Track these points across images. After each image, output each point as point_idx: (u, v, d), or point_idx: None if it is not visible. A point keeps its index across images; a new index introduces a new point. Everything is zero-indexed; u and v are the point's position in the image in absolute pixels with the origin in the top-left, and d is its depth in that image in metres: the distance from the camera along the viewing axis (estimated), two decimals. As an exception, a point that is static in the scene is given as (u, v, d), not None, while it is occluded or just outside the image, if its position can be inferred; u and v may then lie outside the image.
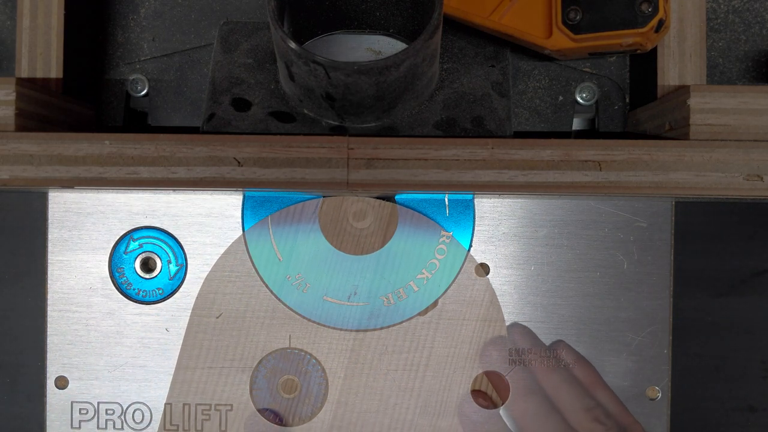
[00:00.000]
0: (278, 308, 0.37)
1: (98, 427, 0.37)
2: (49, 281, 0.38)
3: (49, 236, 0.38)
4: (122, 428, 0.37)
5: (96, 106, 0.42)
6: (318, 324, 0.37)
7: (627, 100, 0.42)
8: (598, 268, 0.38)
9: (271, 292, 0.37)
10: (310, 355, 0.37)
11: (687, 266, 0.38)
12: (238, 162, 0.33)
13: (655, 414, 0.37)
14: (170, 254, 0.38)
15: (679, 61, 0.37)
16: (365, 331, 0.37)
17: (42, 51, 0.38)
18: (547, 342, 0.37)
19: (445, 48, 0.38)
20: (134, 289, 0.38)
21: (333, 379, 0.37)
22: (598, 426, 0.35)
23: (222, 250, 0.38)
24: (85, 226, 0.38)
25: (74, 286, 0.38)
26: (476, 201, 0.38)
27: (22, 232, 0.38)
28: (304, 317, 0.37)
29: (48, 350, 0.38)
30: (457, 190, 0.33)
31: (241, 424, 0.37)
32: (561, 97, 0.42)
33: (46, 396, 0.38)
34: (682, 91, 0.35)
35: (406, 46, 0.37)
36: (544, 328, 0.37)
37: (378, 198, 0.37)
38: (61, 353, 0.37)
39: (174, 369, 0.37)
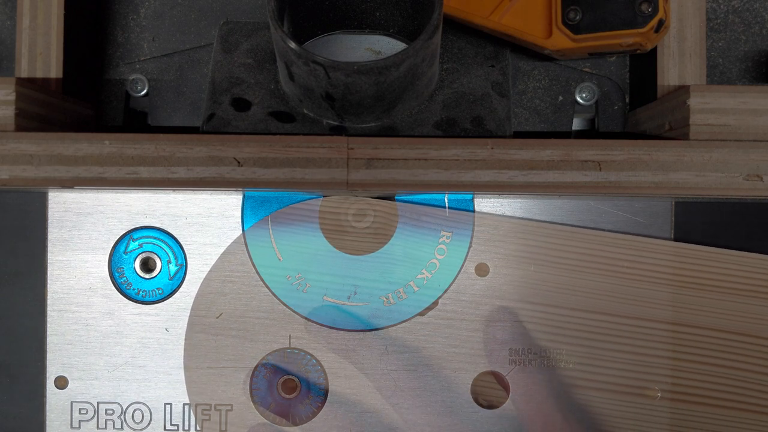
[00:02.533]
0: (278, 308, 0.37)
1: (98, 427, 0.37)
2: (49, 281, 0.38)
3: (49, 236, 0.38)
4: (122, 428, 0.37)
5: (96, 106, 0.42)
6: (318, 324, 0.37)
7: (627, 100, 0.42)
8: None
9: (271, 292, 0.37)
10: (310, 355, 0.37)
11: (687, 266, 0.38)
12: (238, 162, 0.33)
13: (655, 414, 0.37)
14: (170, 254, 0.38)
15: (679, 61, 0.37)
16: (365, 331, 0.37)
17: (42, 51, 0.38)
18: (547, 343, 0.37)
19: (445, 48, 0.38)
20: (134, 289, 0.38)
21: (333, 379, 0.37)
22: None
23: (222, 250, 0.38)
24: (84, 226, 0.38)
25: (74, 286, 0.38)
26: (476, 201, 0.38)
27: (22, 232, 0.38)
28: (304, 317, 0.37)
29: (48, 350, 0.38)
30: (457, 190, 0.33)
31: (241, 424, 0.37)
32: (561, 97, 0.42)
33: (45, 396, 0.38)
34: (682, 91, 0.35)
35: (406, 46, 0.37)
36: (544, 328, 0.37)
37: (378, 198, 0.37)
38: (60, 353, 0.37)
39: (173, 369, 0.38)
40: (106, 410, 0.38)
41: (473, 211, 0.38)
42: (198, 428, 0.37)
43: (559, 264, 0.37)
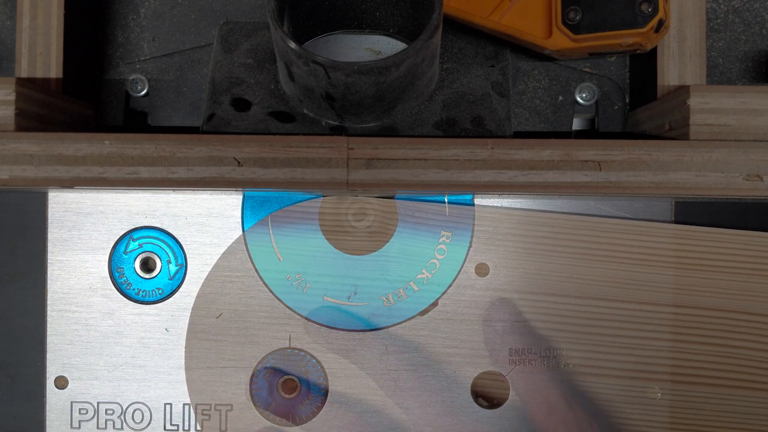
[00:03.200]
0: (278, 308, 0.37)
1: (98, 427, 0.37)
2: (49, 281, 0.38)
3: (49, 236, 0.38)
4: (122, 428, 0.37)
5: (96, 106, 0.42)
6: (318, 324, 0.37)
7: (627, 100, 0.42)
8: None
9: (271, 292, 0.37)
10: (310, 355, 0.37)
11: (687, 266, 0.38)
12: (238, 162, 0.33)
13: (655, 414, 0.37)
14: (170, 254, 0.38)
15: (679, 61, 0.37)
16: (365, 331, 0.37)
17: (42, 51, 0.38)
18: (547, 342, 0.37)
19: (445, 48, 0.38)
20: (134, 289, 0.38)
21: (333, 379, 0.37)
22: None
23: (222, 250, 0.38)
24: (84, 226, 0.38)
25: (74, 286, 0.38)
26: (476, 201, 0.38)
27: (22, 232, 0.38)
28: (304, 317, 0.37)
29: (48, 350, 0.38)
30: (457, 190, 0.33)
31: (241, 424, 0.37)
32: (561, 97, 0.42)
33: (45, 396, 0.38)
34: (682, 91, 0.35)
35: (406, 46, 0.37)
36: (544, 328, 0.37)
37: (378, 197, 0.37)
38: (61, 353, 0.37)
39: (173, 369, 0.38)
40: (106, 410, 0.38)
41: (473, 204, 0.38)
42: (198, 428, 0.37)
43: (560, 253, 0.37)
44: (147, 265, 0.38)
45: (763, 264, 0.37)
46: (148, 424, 0.38)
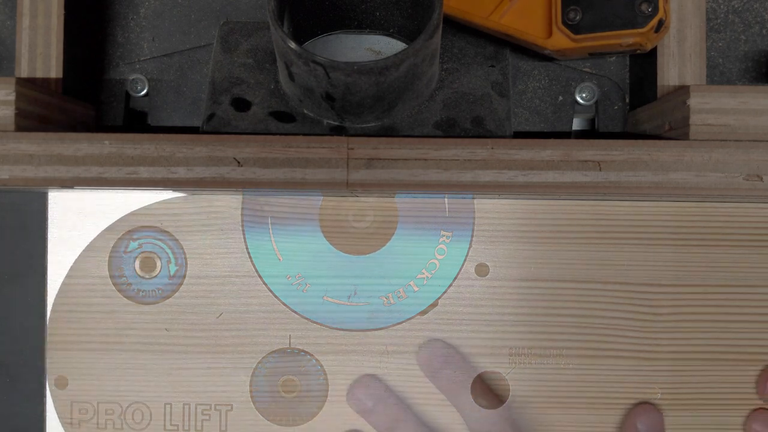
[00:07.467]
0: (278, 308, 0.37)
1: (98, 427, 0.37)
2: (49, 281, 0.38)
3: (49, 236, 0.38)
4: (122, 428, 0.37)
5: (96, 106, 0.42)
6: (318, 324, 0.37)
7: (627, 100, 0.42)
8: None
9: (271, 292, 0.37)
10: (310, 355, 0.37)
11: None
12: (238, 162, 0.33)
13: (656, 374, 0.37)
14: (170, 254, 0.38)
15: (679, 61, 0.37)
16: (365, 331, 0.37)
17: (42, 51, 0.38)
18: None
19: (445, 48, 0.38)
20: (134, 289, 0.38)
21: (333, 379, 0.37)
22: None
23: (222, 251, 0.38)
24: (84, 226, 0.38)
25: (74, 286, 0.38)
26: (476, 201, 0.38)
27: (22, 232, 0.38)
28: (304, 317, 0.37)
29: (48, 350, 0.38)
30: (456, 191, 0.33)
31: (241, 424, 0.37)
32: (561, 97, 0.42)
33: (45, 396, 0.38)
34: (682, 91, 0.35)
35: (406, 46, 0.37)
36: (544, 328, 0.37)
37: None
38: (60, 353, 0.37)
39: (173, 369, 0.38)
40: (106, 410, 0.38)
41: (473, 220, 0.38)
42: (198, 428, 0.37)
43: (560, 241, 0.37)
44: (147, 265, 0.38)
45: (761, 235, 0.37)
46: (148, 424, 0.38)
